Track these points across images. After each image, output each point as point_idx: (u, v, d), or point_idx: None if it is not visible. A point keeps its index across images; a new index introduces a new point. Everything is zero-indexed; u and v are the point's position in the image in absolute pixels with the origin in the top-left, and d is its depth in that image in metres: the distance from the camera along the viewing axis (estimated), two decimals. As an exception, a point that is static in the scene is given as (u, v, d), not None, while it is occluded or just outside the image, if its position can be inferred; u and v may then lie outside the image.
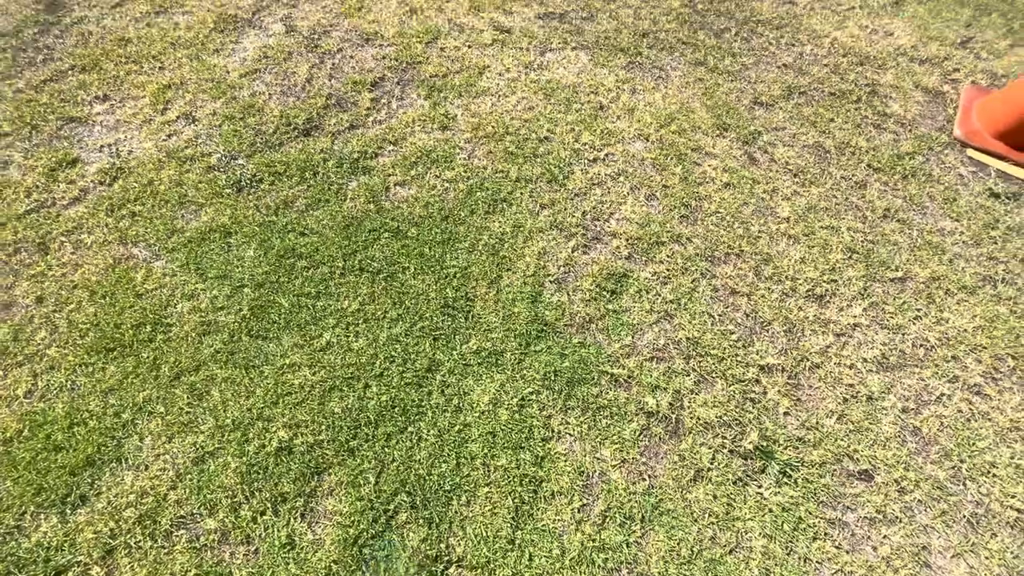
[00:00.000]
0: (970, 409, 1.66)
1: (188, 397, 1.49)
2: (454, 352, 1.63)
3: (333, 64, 2.36)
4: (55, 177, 1.91)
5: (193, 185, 1.92)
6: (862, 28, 2.91)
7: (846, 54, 2.76)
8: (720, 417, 1.58)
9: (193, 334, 1.59)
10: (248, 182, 1.95)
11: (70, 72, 2.22)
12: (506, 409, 1.53)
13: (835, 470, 1.51)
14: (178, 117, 2.11)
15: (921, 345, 1.79)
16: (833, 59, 2.72)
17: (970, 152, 2.41)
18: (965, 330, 1.83)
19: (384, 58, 2.41)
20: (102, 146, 2.01)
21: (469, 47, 2.50)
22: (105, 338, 1.57)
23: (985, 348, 1.79)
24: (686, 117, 2.34)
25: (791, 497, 1.46)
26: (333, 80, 2.30)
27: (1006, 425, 1.63)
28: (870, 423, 1.60)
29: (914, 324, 1.83)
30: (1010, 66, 2.82)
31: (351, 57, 2.40)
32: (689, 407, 1.59)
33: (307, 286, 1.72)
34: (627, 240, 1.94)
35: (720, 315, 1.79)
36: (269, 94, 2.22)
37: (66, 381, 1.49)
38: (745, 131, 2.33)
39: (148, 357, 1.54)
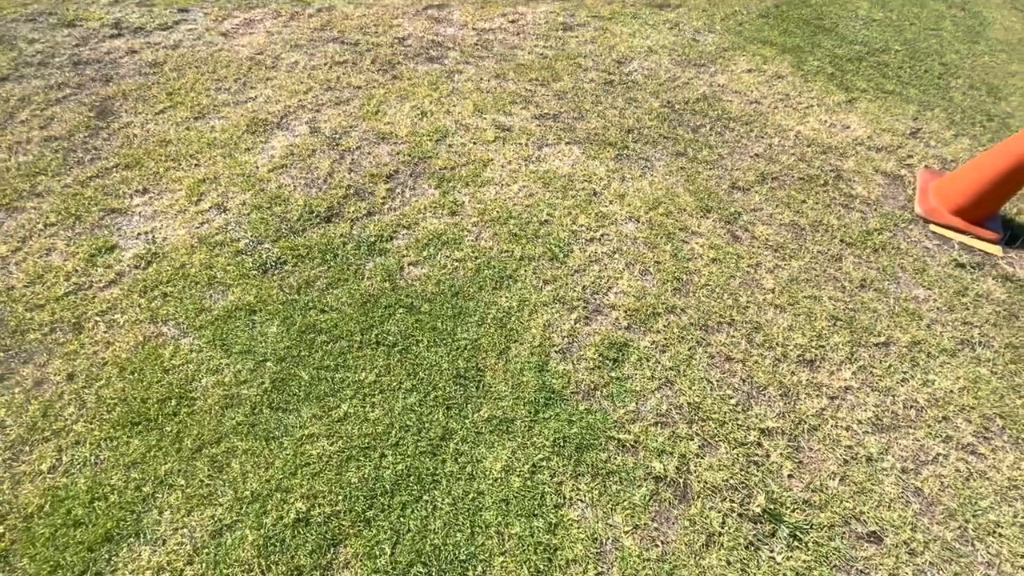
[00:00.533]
0: (967, 468, 1.71)
1: (209, 469, 1.52)
2: (466, 420, 1.69)
3: (352, 160, 2.63)
4: (94, 262, 2.06)
5: (222, 267, 2.08)
6: (822, 122, 3.28)
7: (810, 144, 3.09)
8: (726, 480, 1.62)
9: (216, 407, 1.66)
10: (273, 264, 2.11)
11: (114, 169, 2.46)
12: (518, 476, 1.57)
13: (844, 533, 1.54)
14: (211, 207, 2.32)
15: (911, 406, 1.87)
16: (799, 149, 3.04)
17: (932, 227, 2.64)
18: (951, 391, 1.92)
19: (398, 154, 2.68)
20: (139, 233, 2.19)
21: (474, 143, 2.80)
22: (131, 412, 1.63)
23: (973, 408, 1.88)
24: (672, 201, 2.58)
25: (804, 562, 1.47)
26: (352, 173, 2.55)
27: (1004, 484, 1.68)
28: (873, 484, 1.65)
29: (902, 386, 1.93)
30: (957, 152, 3.15)
31: (368, 153, 2.67)
32: (696, 471, 1.63)
33: (326, 359, 1.81)
34: (625, 312, 2.07)
35: (718, 381, 1.89)
36: (294, 186, 2.45)
37: (90, 455, 1.53)
38: (726, 212, 2.56)
39: (172, 430, 1.60)
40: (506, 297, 2.08)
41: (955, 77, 3.95)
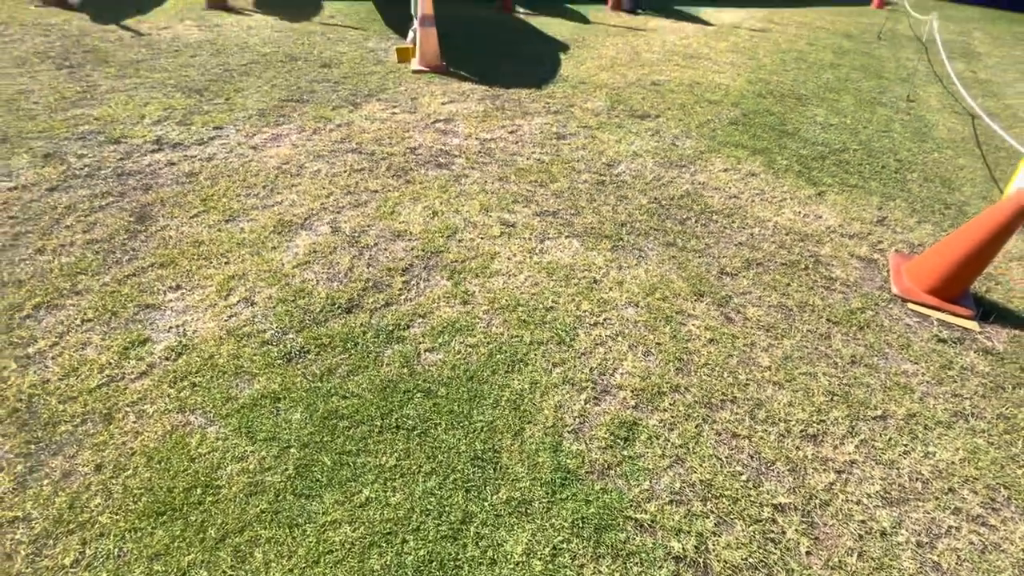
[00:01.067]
0: (981, 541, 1.74)
1: (232, 559, 1.53)
2: (486, 503, 1.73)
3: (370, 255, 2.85)
4: (127, 355, 2.18)
5: (248, 357, 2.19)
6: (796, 213, 3.60)
7: (788, 233, 3.38)
8: (746, 559, 1.63)
9: (241, 495, 1.69)
10: (297, 353, 2.23)
11: (150, 268, 2.65)
12: (539, 560, 1.58)
13: (869, 611, 1.53)
14: (239, 301, 2.48)
15: (917, 479, 1.92)
16: (778, 237, 3.32)
17: (910, 306, 2.83)
18: (953, 462, 1.99)
19: (412, 249, 2.92)
20: (171, 327, 2.33)
21: (482, 239, 3.05)
22: (157, 502, 1.66)
23: (976, 479, 1.93)
24: (667, 287, 2.78)
25: (832, 643, 1.45)
26: (370, 268, 2.76)
27: (1020, 556, 1.70)
28: (891, 559, 1.66)
29: (905, 459, 1.99)
30: (922, 237, 3.45)
31: (385, 249, 2.91)
32: (714, 550, 1.65)
33: (348, 444, 1.87)
34: (632, 391, 2.17)
35: (727, 457, 1.95)
36: (317, 280, 2.64)
37: (114, 548, 1.54)
38: (718, 296, 2.75)
39: (196, 520, 1.62)
40: (518, 380, 2.18)
41: (910, 171, 4.39)
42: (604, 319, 2.55)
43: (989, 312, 2.81)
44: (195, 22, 6.79)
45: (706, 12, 10.27)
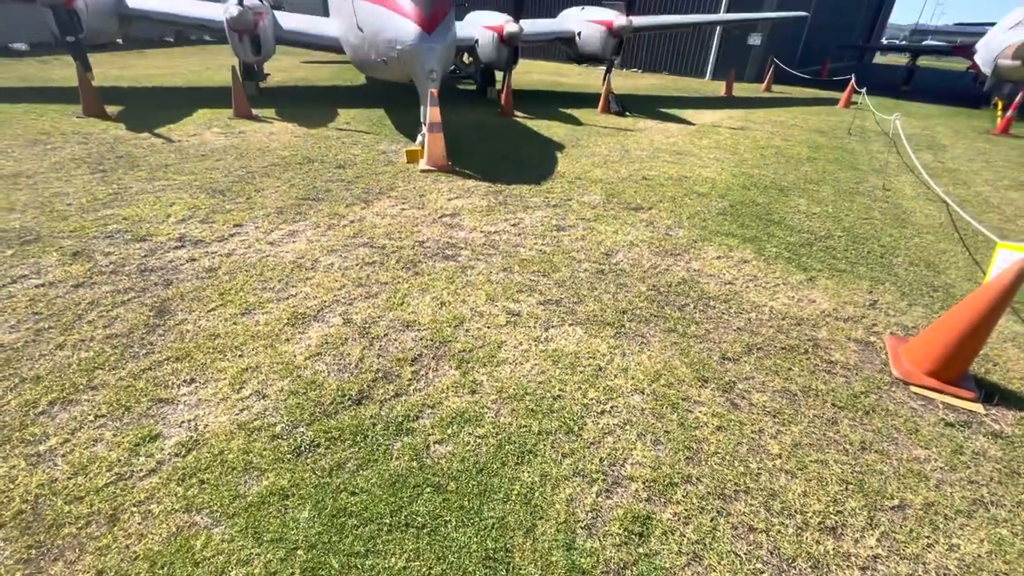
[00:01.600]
0: (1022, 645, 1.64)
1: None
2: (499, 609, 1.66)
3: (380, 346, 2.93)
4: (137, 451, 2.18)
5: (258, 452, 2.19)
6: (790, 298, 3.74)
7: (784, 318, 3.49)
8: (776, 670, 1.54)
9: (244, 603, 1.63)
10: (307, 447, 2.23)
11: (166, 362, 2.72)
12: (557, 673, 1.50)
13: None
14: (251, 394, 2.52)
15: (945, 574, 1.85)
16: (775, 322, 3.43)
17: (913, 389, 2.86)
18: (979, 555, 1.93)
19: (421, 339, 3.01)
20: (183, 422, 2.35)
21: (488, 328, 3.15)
22: (157, 613, 1.59)
23: (1007, 574, 1.86)
24: (671, 373, 2.84)
25: None
26: (380, 358, 2.83)
27: (1066, 662, 1.60)
28: (929, 668, 1.56)
29: (930, 552, 1.93)
30: (915, 320, 3.55)
31: (395, 340, 2.99)
32: (742, 659, 1.56)
33: (356, 544, 1.83)
34: (643, 483, 2.15)
35: (746, 554, 1.89)
36: (328, 372, 2.70)
37: (109, 666, 1.46)
38: (722, 381, 2.80)
39: (197, 632, 1.55)
40: (528, 472, 2.17)
41: (895, 256, 4.60)
42: (611, 407, 2.57)
43: (992, 394, 2.83)
44: (222, 129, 7.43)
45: (688, 113, 11.23)
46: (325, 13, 10.75)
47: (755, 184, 6.41)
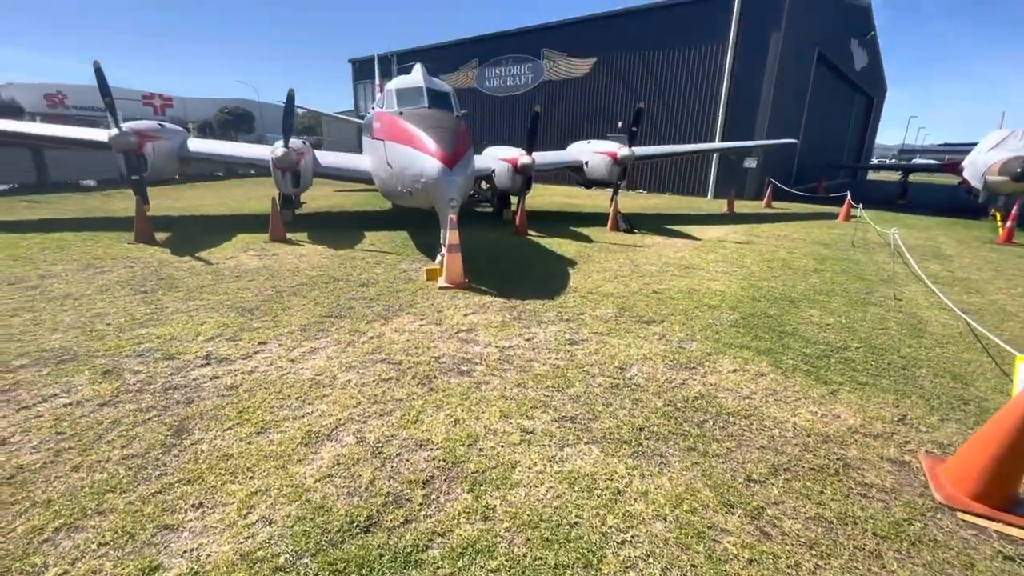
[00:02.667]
0: None
1: None
2: None
3: (392, 467, 2.88)
4: (134, 585, 2.08)
5: (259, 587, 2.08)
6: (813, 413, 3.63)
7: (809, 435, 3.36)
8: None
9: None
10: (310, 581, 2.11)
11: (177, 485, 2.69)
12: None
13: None
14: (258, 520, 2.45)
15: None
16: (800, 439, 3.30)
17: (960, 515, 2.65)
18: None
19: (434, 459, 2.95)
20: (185, 551, 2.26)
21: (502, 446, 3.09)
22: None
23: None
24: (694, 497, 2.69)
25: None
26: (392, 480, 2.77)
27: None
28: None
29: None
30: (950, 436, 3.38)
31: (407, 460, 2.94)
32: None
33: None
34: (672, 628, 1.95)
35: None
36: (338, 495, 2.64)
37: None
38: (749, 507, 2.64)
39: None
40: (544, 614, 2.00)
41: (917, 368, 4.51)
42: (632, 536, 2.42)
43: (1050, 522, 2.59)
44: (256, 252, 8.02)
45: (693, 229, 11.82)
46: (359, 149, 12.09)
47: (765, 296, 6.53)
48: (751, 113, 18.37)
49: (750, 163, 19.00)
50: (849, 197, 14.56)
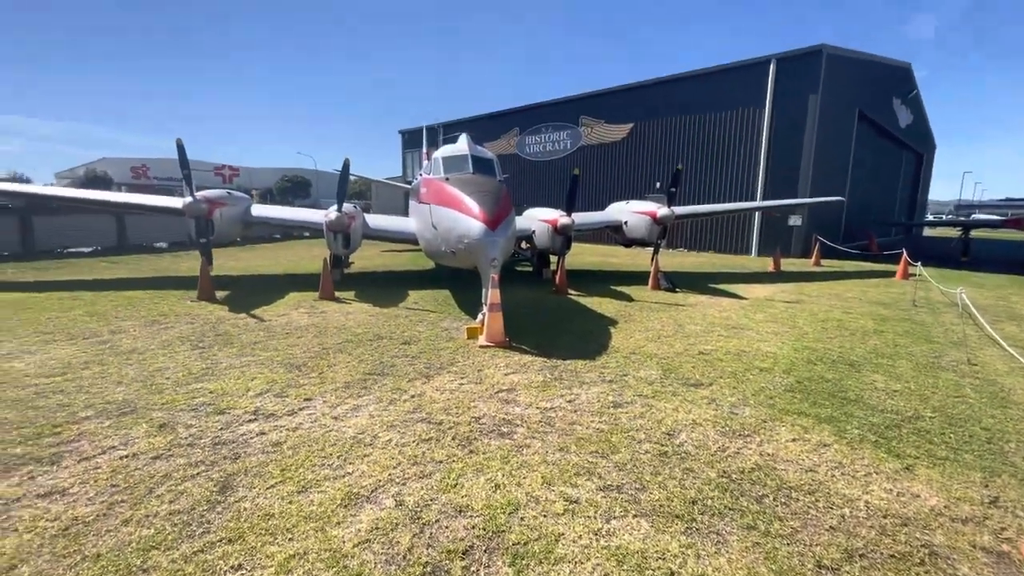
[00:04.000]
0: None
1: None
2: None
3: (431, 534, 2.78)
4: (170, 651, 2.04)
5: (292, 662, 1.99)
6: (887, 491, 3.29)
7: (886, 516, 3.03)
8: None
9: None
10: (344, 658, 2.01)
11: (219, 544, 2.69)
12: None
13: None
14: (294, 586, 2.39)
15: None
16: (876, 521, 2.98)
17: (1081, 623, 2.27)
18: None
19: (474, 527, 2.83)
20: (222, 617, 2.22)
21: (544, 516, 2.95)
22: None
23: None
24: (757, 583, 2.44)
25: None
26: (430, 549, 2.66)
27: None
28: None
29: None
30: (1055, 525, 2.97)
31: (446, 527, 2.84)
32: None
33: None
34: None
35: None
36: (375, 563, 2.55)
37: None
38: (822, 598, 2.36)
39: None
40: None
41: (1005, 441, 4.06)
42: (689, 626, 2.19)
43: None
44: (307, 310, 8.36)
45: (738, 288, 11.51)
46: (405, 212, 12.71)
47: (821, 358, 6.17)
48: (793, 172, 18.26)
49: (795, 220, 18.64)
50: (906, 254, 13.91)
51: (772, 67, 18.17)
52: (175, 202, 10.45)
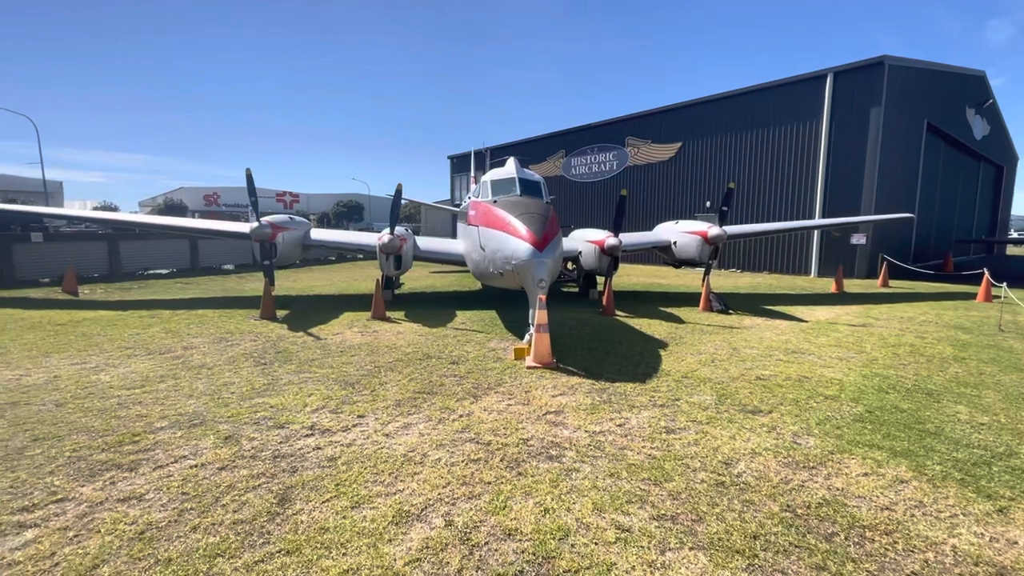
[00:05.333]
0: None
1: None
2: None
3: (480, 556, 2.76)
4: (233, 658, 2.11)
5: (346, 677, 2.01)
6: (978, 536, 2.98)
7: (977, 563, 2.74)
8: None
9: None
10: None
11: (277, 555, 2.78)
12: None
13: None
14: (348, 601, 2.43)
15: None
16: (965, 568, 2.70)
17: None
18: None
19: (523, 552, 2.79)
20: (280, 627, 2.28)
21: (595, 544, 2.86)
22: None
23: None
24: (830, 629, 2.26)
25: None
26: (480, 571, 2.64)
27: None
28: None
29: None
30: None
31: (495, 550, 2.81)
32: None
33: None
34: None
35: None
36: (426, 582, 2.56)
37: None
38: (906, 652, 2.15)
39: None
40: None
41: (1120, 485, 3.60)
42: (755, 672, 2.05)
43: None
44: (360, 329, 8.66)
45: (797, 310, 10.94)
46: (453, 234, 13.02)
47: (894, 387, 5.73)
48: (855, 188, 17.34)
49: (858, 239, 17.60)
50: (988, 274, 12.80)
51: (829, 80, 17.51)
52: (243, 227, 11.20)
